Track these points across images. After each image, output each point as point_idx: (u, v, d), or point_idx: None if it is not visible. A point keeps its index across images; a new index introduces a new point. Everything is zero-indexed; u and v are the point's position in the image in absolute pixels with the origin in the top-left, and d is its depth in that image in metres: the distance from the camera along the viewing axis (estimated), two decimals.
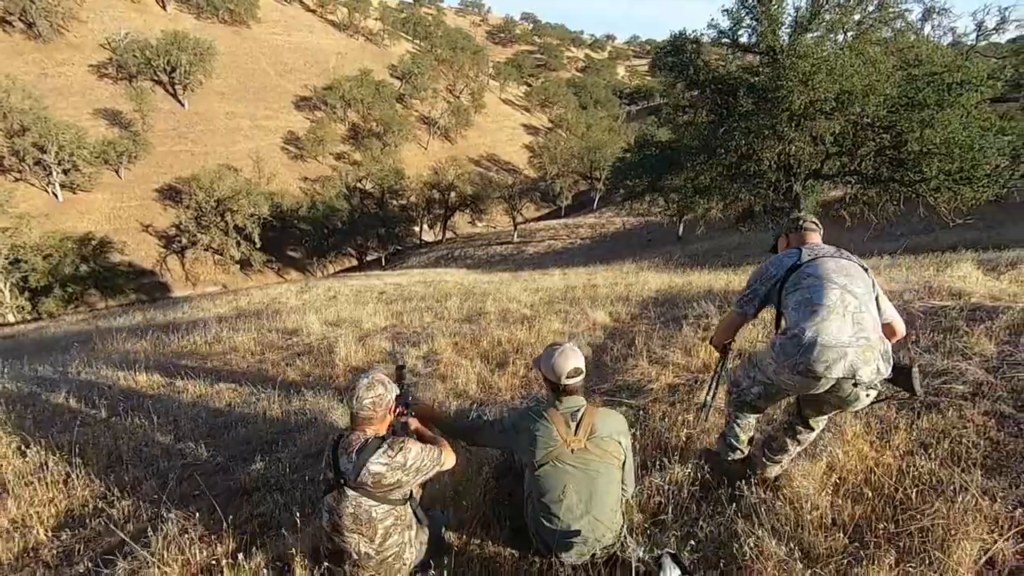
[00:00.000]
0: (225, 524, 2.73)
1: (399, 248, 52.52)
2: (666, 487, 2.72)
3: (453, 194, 50.19)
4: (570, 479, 2.26)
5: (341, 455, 2.25)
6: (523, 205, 52.56)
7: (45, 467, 3.75)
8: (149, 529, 2.84)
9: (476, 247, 45.20)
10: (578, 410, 2.34)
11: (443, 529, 2.55)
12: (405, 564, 2.28)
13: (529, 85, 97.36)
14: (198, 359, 6.27)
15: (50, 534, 3.02)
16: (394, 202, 53.23)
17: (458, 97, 79.61)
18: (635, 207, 31.48)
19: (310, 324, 7.37)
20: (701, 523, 2.42)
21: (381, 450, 2.22)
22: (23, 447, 4.09)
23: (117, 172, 51.99)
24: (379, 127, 64.64)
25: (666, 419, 3.43)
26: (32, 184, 48.04)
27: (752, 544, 2.23)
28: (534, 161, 62.97)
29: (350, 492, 2.20)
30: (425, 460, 2.32)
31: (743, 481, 2.66)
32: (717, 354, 3.01)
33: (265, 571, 2.38)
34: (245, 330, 7.59)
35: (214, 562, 2.53)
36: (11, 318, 37.00)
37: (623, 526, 2.36)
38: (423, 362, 5.35)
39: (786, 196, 15.59)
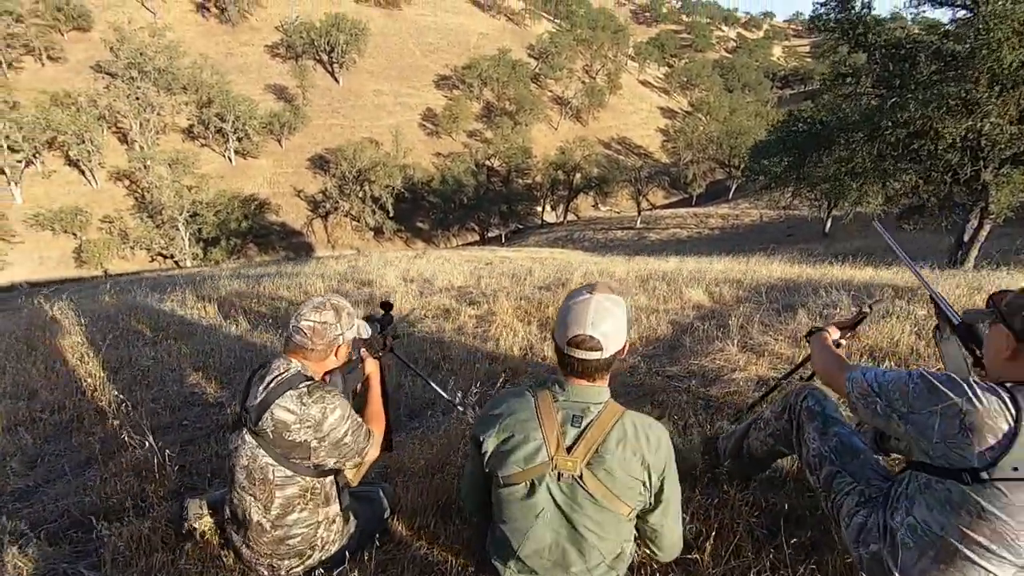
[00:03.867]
0: (170, 467, 2.34)
1: (520, 227, 52.79)
2: (713, 511, 1.85)
3: (578, 175, 49.23)
4: (546, 512, 1.42)
5: (255, 383, 1.70)
6: (650, 190, 50.10)
7: (83, 378, 3.78)
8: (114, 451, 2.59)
9: (596, 230, 43.89)
10: (587, 408, 1.44)
11: (387, 513, 1.94)
12: (315, 550, 1.70)
13: (670, 66, 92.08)
14: (270, 300, 6.28)
15: (38, 442, 2.90)
16: (519, 180, 53.53)
17: (594, 78, 77.58)
18: (775, 197, 28.29)
19: (386, 277, 7.16)
20: None
21: (295, 392, 1.63)
22: (82, 359, 4.19)
23: (279, 142, 58.01)
24: (512, 106, 65.13)
25: (740, 419, 2.48)
26: (213, 149, 55.29)
27: None
28: (667, 145, 59.76)
29: (248, 437, 1.65)
30: (347, 435, 1.68)
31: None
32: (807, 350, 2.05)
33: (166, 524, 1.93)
34: (327, 278, 7.59)
35: (142, 499, 2.16)
36: (188, 263, 43.12)
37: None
38: (475, 321, 4.76)
39: (969, 186, 12.65)
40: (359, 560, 1.75)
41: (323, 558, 1.72)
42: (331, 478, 1.72)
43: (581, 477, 1.40)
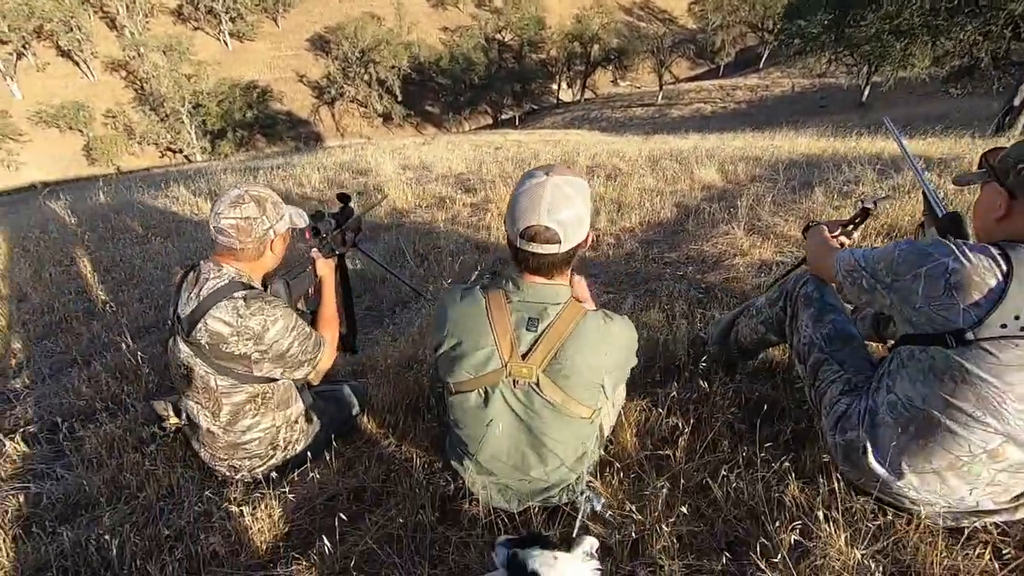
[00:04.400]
0: (147, 369, 2.31)
1: (534, 108, 50.14)
2: (692, 406, 1.76)
3: (596, 47, 45.52)
4: (501, 421, 1.33)
5: (183, 290, 1.57)
6: (673, 61, 46.55)
7: (73, 279, 3.76)
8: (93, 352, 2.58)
9: (614, 108, 41.48)
10: (544, 310, 1.27)
11: (355, 410, 1.89)
12: (277, 450, 1.66)
13: None
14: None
15: (27, 345, 2.91)
16: (533, 56, 49.98)
17: None
18: (810, 64, 25.94)
19: (382, 165, 6.85)
20: (726, 474, 1.45)
21: (231, 302, 1.48)
22: (73, 260, 4.16)
23: (275, 21, 54.23)
24: None
25: (731, 299, 2.33)
26: (207, 32, 52.08)
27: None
28: (695, 8, 54.10)
29: (182, 345, 1.55)
30: (293, 344, 1.55)
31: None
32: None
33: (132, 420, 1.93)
34: (325, 168, 7.31)
35: (117, 401, 2.16)
36: (198, 157, 42.49)
37: (585, 471, 1.47)
38: (469, 210, 4.55)
39: None
40: (327, 457, 1.73)
41: (288, 457, 1.69)
42: (285, 382, 1.64)
43: (538, 384, 1.28)
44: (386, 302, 2.98)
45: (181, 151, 43.79)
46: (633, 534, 1.31)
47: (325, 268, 1.84)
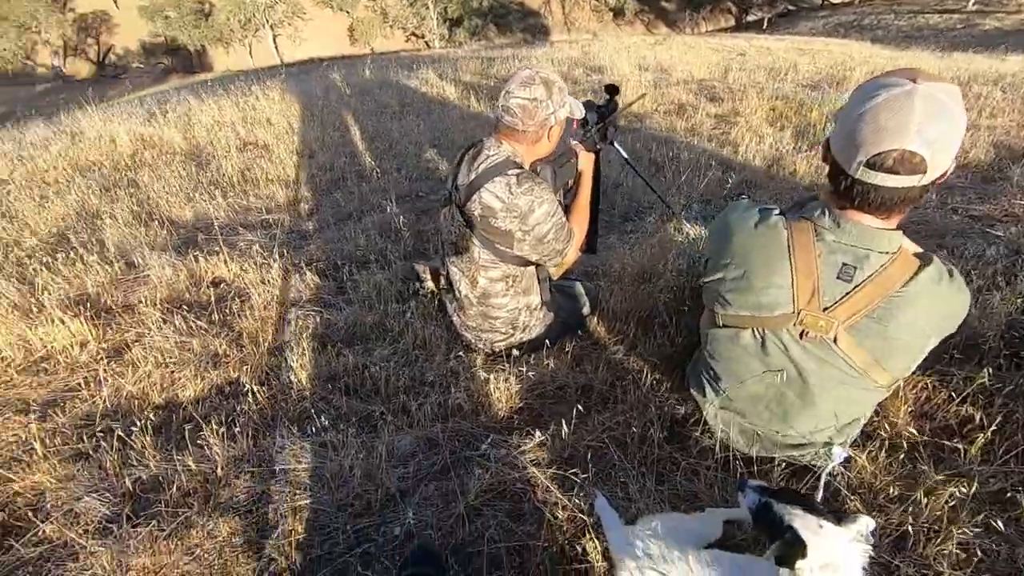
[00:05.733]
0: (406, 232, 2.60)
1: (790, 8, 42.58)
2: (1000, 398, 1.42)
3: None
4: (780, 368, 1.16)
5: (464, 163, 1.66)
6: None
7: (347, 144, 4.35)
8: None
9: (899, 14, 33.21)
10: (867, 257, 1.04)
11: (585, 309, 1.90)
12: (516, 330, 1.76)
13: None
14: (502, 82, 6.24)
15: (316, 195, 3.48)
16: None
17: None
18: None
19: (618, 64, 6.49)
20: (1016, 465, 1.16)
21: (504, 178, 1.54)
22: (347, 127, 4.80)
23: None
24: None
25: None
26: None
27: None
28: None
29: (457, 215, 1.66)
30: (550, 230, 1.58)
31: None
32: None
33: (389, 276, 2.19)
34: (557, 63, 7.21)
35: (384, 255, 2.48)
36: (436, 44, 45.35)
37: (850, 439, 1.28)
38: (713, 121, 4.10)
39: None
40: (559, 349, 1.80)
41: (524, 339, 1.79)
42: (532, 269, 1.70)
43: (835, 341, 1.08)
44: (617, 208, 2.90)
45: (423, 36, 47.03)
46: (911, 528, 1.12)
47: (586, 161, 1.80)
